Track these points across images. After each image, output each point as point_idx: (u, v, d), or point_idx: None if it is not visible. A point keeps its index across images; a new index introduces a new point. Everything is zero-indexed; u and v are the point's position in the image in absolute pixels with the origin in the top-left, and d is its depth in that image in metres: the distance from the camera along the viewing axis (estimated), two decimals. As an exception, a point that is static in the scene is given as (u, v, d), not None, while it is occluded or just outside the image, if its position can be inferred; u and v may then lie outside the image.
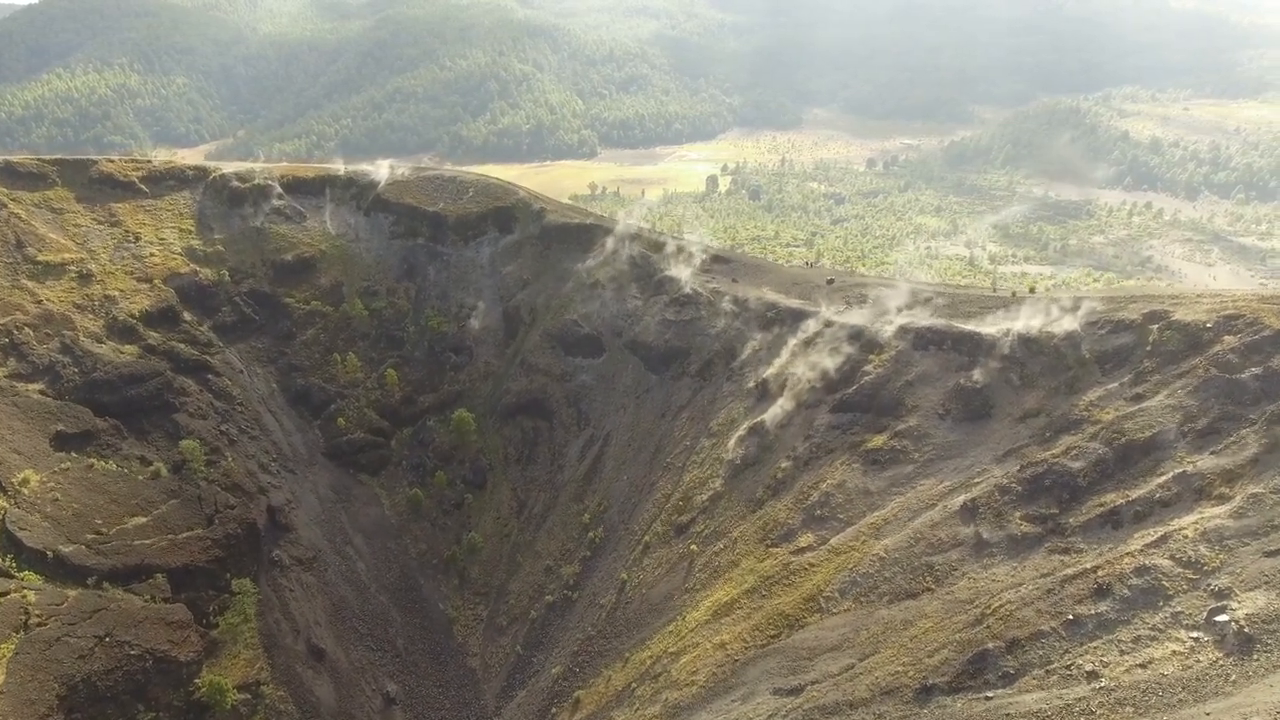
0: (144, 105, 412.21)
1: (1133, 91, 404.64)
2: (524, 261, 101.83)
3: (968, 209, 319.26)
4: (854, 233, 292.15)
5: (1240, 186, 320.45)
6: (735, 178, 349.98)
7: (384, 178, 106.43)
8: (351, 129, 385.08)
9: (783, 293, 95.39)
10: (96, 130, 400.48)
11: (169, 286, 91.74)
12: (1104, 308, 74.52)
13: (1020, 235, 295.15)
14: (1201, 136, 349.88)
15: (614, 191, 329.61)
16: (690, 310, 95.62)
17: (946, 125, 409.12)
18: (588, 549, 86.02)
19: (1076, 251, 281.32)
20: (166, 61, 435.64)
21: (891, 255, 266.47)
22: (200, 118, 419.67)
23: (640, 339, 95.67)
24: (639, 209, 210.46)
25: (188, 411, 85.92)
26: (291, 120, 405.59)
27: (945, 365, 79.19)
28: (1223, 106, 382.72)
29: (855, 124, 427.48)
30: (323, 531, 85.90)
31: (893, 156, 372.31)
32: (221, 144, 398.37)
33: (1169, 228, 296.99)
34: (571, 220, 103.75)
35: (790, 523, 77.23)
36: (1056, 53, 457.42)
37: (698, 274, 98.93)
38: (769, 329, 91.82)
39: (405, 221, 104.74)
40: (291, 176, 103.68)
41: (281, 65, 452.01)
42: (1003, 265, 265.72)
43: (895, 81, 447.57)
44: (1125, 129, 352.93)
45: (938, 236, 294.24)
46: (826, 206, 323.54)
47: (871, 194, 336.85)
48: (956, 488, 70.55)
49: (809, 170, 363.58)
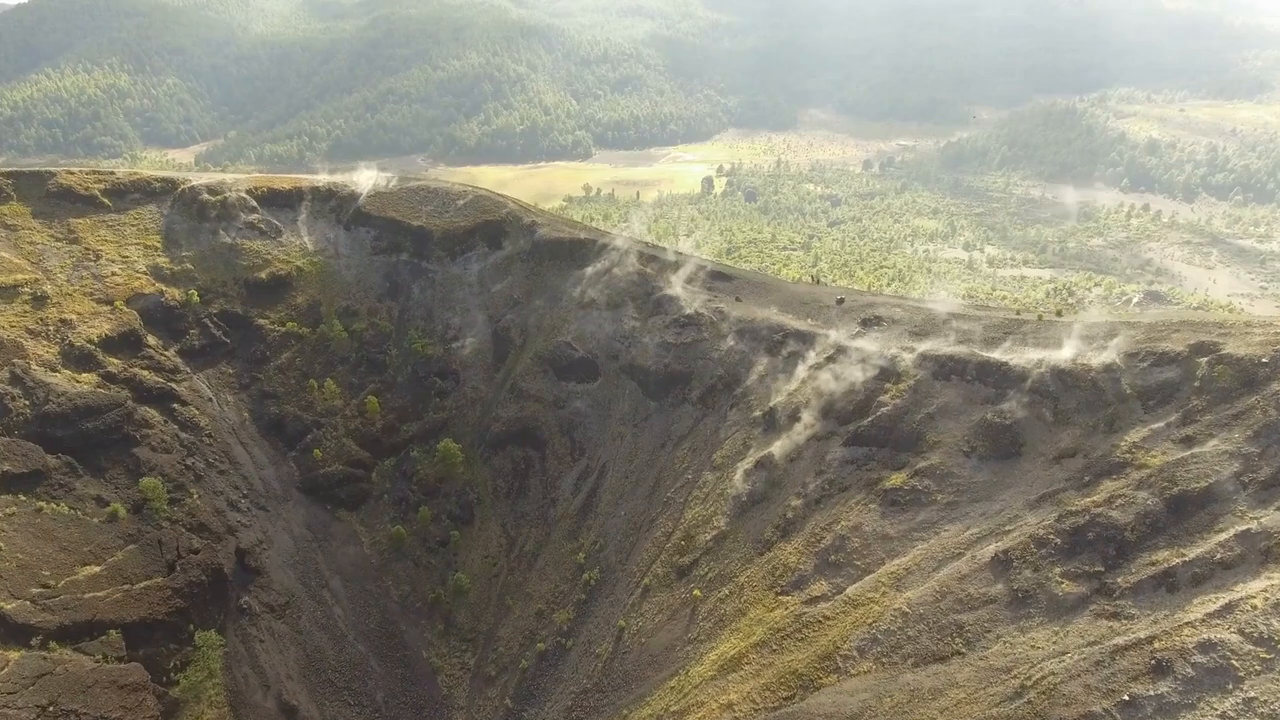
0: (134, 106, 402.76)
1: (1128, 92, 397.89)
2: (514, 279, 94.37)
3: (965, 211, 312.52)
4: (851, 235, 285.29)
5: (1238, 188, 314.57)
6: (731, 179, 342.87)
7: (365, 189, 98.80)
8: (344, 130, 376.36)
9: (790, 313, 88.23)
10: (86, 131, 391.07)
11: (131, 309, 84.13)
12: (1144, 337, 67.58)
13: (1018, 238, 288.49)
14: (1198, 138, 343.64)
15: (609, 193, 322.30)
16: (691, 332, 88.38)
17: (942, 126, 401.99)
18: (582, 591, 78.90)
19: (1075, 254, 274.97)
20: (157, 61, 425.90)
21: (890, 259, 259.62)
22: (191, 118, 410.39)
23: (638, 363, 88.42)
24: (636, 219, 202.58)
25: (150, 445, 78.45)
26: (283, 121, 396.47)
27: (969, 397, 72.18)
28: (1218, 108, 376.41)
29: (851, 125, 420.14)
30: (297, 574, 78.56)
31: (889, 158, 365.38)
32: (213, 145, 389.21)
33: (1167, 230, 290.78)
34: (565, 235, 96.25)
35: (802, 568, 70.29)
36: (1051, 53, 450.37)
37: (699, 292, 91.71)
38: (776, 353, 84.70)
39: (388, 236, 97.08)
40: (266, 188, 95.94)
41: (274, 65, 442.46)
42: (1001, 269, 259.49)
43: (890, 82, 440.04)
44: (1122, 130, 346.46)
45: (935, 239, 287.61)
46: (823, 208, 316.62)
47: (868, 196, 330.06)
48: (986, 535, 63.62)
49: (805, 171, 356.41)
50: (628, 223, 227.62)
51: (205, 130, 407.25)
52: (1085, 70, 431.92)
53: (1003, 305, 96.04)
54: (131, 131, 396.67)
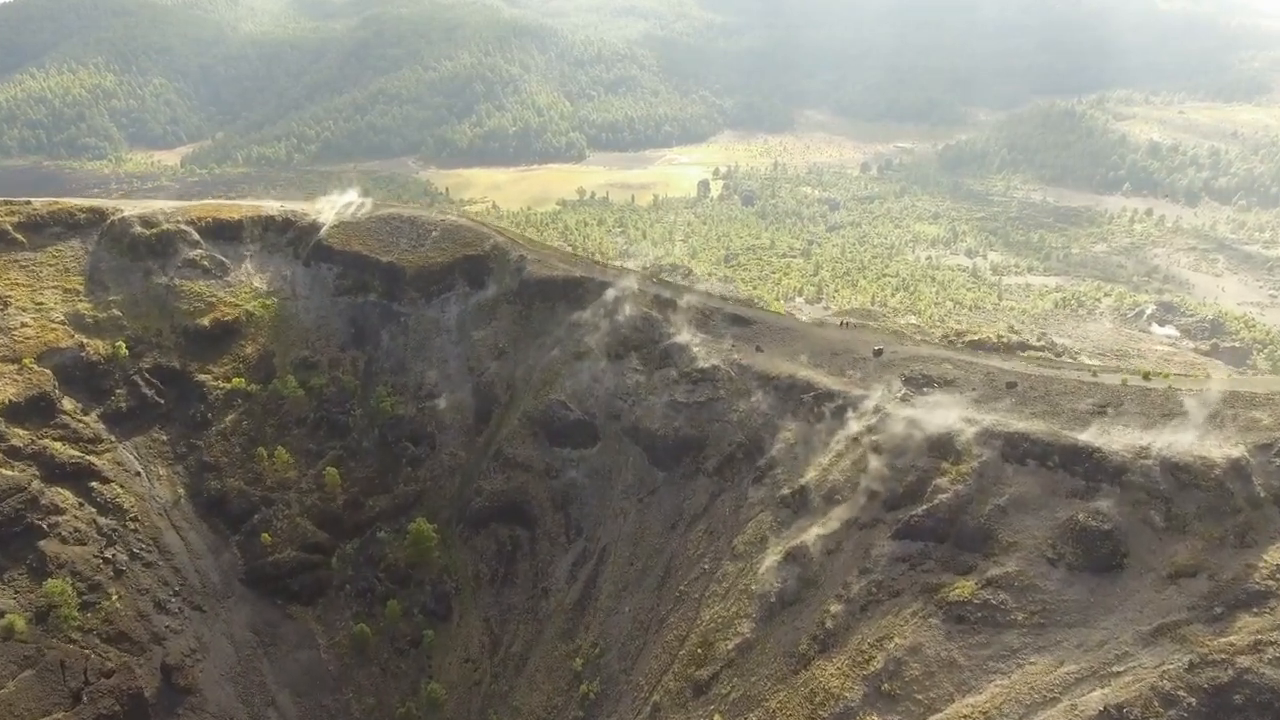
0: (120, 106, 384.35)
1: (1126, 94, 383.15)
2: (500, 324, 79.20)
3: (966, 215, 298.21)
4: (851, 241, 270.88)
5: (1241, 192, 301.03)
6: (727, 182, 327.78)
7: (329, 219, 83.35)
8: (333, 131, 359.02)
9: (821, 366, 73.30)
10: (70, 132, 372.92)
11: (44, 366, 68.90)
12: (1273, 422, 53.07)
13: (1021, 243, 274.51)
14: (1200, 140, 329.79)
15: (603, 197, 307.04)
16: (706, 389, 73.43)
17: (939, 127, 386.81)
18: (580, 708, 64.24)
19: (1080, 261, 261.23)
20: (144, 61, 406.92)
21: (891, 265, 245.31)
22: (178, 119, 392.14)
23: (643, 425, 73.45)
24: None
25: (60, 536, 63.34)
26: (272, 122, 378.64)
27: (1051, 488, 57.58)
28: (1218, 110, 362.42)
29: (847, 126, 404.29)
30: (237, 690, 63.68)
31: (887, 160, 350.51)
32: (199, 146, 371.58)
33: (1172, 235, 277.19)
34: (558, 273, 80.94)
35: (848, 696, 55.76)
36: (1046, 54, 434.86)
37: (713, 340, 76.72)
38: (807, 417, 69.77)
39: (354, 273, 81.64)
40: (211, 219, 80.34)
41: (263, 65, 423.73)
42: (1006, 276, 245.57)
43: (886, 83, 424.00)
44: (1123, 133, 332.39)
45: (937, 245, 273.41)
46: (821, 212, 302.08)
47: (867, 199, 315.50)
48: (1087, 676, 49.12)
49: (802, 174, 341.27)
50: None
51: (192, 131, 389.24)
52: (1082, 71, 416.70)
53: (1077, 363, 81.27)
54: (117, 133, 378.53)
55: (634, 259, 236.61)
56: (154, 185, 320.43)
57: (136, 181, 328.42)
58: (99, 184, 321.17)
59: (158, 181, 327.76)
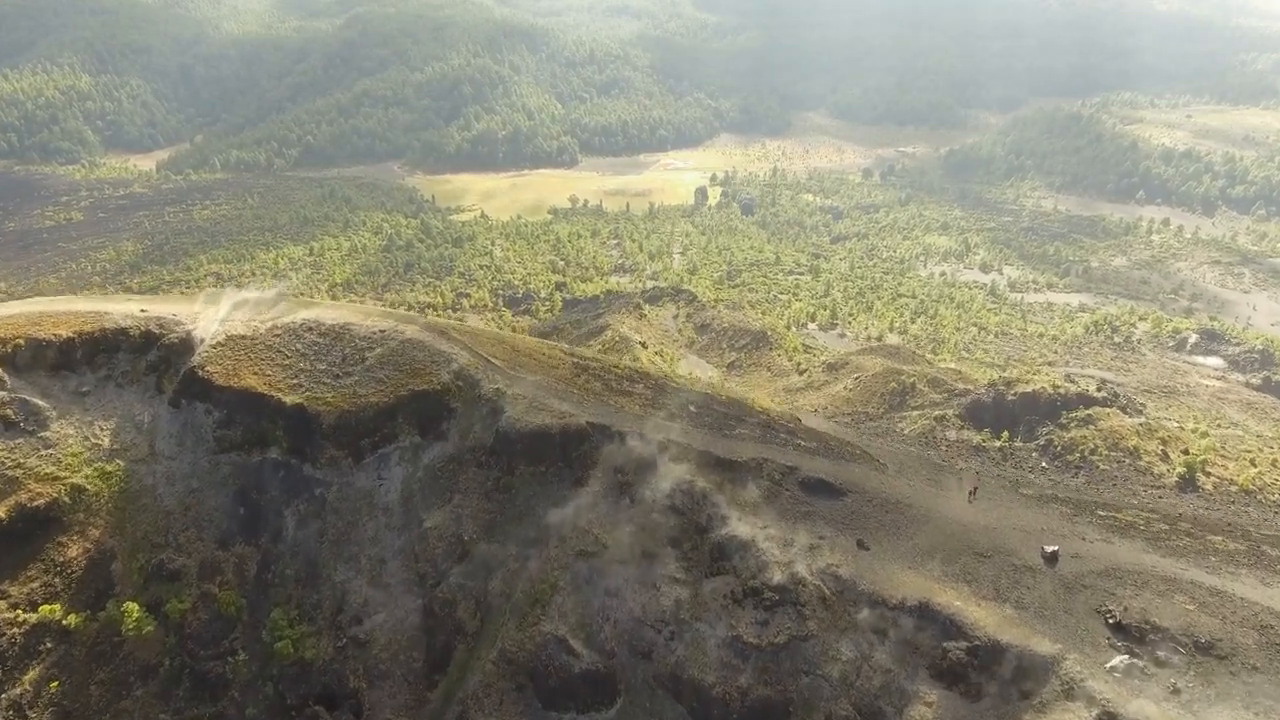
0: (95, 109, 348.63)
1: (1130, 97, 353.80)
2: (465, 501, 49.06)
3: (977, 225, 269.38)
4: (859, 255, 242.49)
5: (1260, 201, 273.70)
6: (726, 189, 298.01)
7: (211, 331, 52.44)
8: (316, 135, 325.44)
9: (965, 581, 43.76)
10: (43, 136, 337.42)
11: None
12: None
13: (1037, 256, 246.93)
14: (1213, 145, 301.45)
15: (596, 204, 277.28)
16: (786, 620, 43.95)
17: (940, 130, 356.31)
18: None
19: (1101, 276, 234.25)
20: (121, 62, 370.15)
21: (905, 284, 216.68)
22: (156, 121, 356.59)
23: (687, 673, 43.96)
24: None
25: None
26: (253, 125, 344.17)
27: None
28: (1225, 113, 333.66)
29: (847, 128, 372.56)
30: None
31: (889, 165, 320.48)
32: (177, 150, 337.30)
33: (1193, 248, 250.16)
34: (553, 422, 50.33)
35: None
36: (1046, 56, 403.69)
37: (789, 525, 47.02)
38: (956, 684, 40.09)
39: (245, 419, 50.94)
40: (25, 338, 49.36)
41: (244, 66, 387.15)
42: (1026, 293, 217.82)
43: (885, 85, 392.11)
44: (1134, 139, 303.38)
45: (949, 258, 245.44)
46: (824, 222, 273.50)
47: (871, 208, 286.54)
48: None
49: (802, 180, 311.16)
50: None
51: (170, 134, 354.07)
52: (1083, 74, 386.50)
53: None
54: (92, 136, 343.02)
55: (630, 274, 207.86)
56: (126, 193, 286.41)
57: (109, 189, 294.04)
58: (69, 191, 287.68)
59: (130, 189, 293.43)
